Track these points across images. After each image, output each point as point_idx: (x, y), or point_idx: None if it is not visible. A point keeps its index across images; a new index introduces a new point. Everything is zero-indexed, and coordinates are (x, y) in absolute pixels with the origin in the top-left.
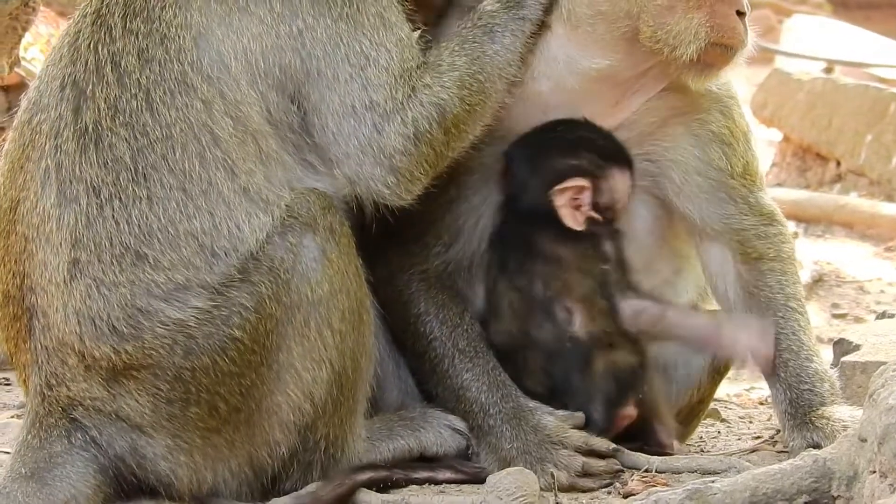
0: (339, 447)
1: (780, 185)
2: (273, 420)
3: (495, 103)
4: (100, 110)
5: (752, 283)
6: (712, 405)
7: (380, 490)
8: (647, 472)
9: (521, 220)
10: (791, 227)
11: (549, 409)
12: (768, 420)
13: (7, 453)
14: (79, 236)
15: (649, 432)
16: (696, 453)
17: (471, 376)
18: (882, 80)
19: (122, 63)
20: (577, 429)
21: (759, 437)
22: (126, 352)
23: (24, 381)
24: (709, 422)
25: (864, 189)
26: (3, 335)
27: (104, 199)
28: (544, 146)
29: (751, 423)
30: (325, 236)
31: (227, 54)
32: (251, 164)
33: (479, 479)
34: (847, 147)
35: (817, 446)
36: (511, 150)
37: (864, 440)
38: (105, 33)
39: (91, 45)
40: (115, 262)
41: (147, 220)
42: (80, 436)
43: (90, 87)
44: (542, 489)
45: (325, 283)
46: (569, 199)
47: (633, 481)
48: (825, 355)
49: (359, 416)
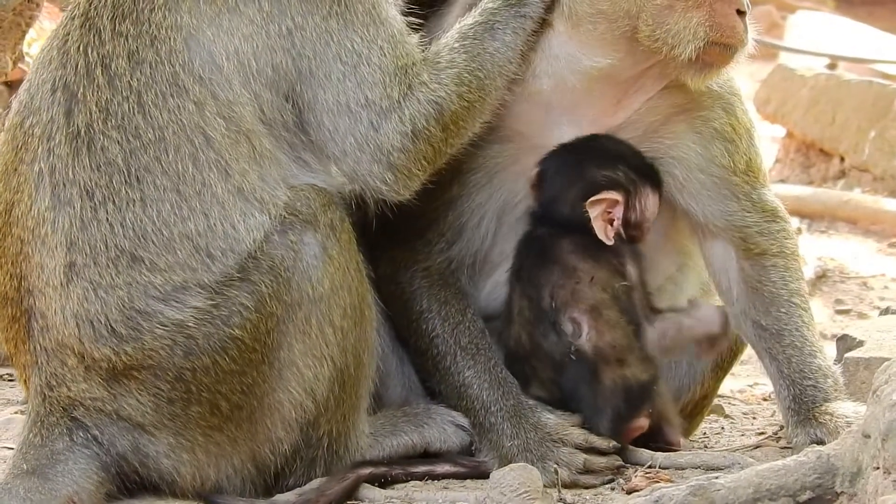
0: (342, 443)
1: (783, 181)
2: (275, 417)
3: (495, 100)
4: (91, 113)
5: (756, 279)
6: (716, 401)
7: (381, 485)
8: (650, 468)
9: (545, 230)
10: (794, 223)
11: (550, 407)
12: (772, 416)
13: (10, 449)
14: (74, 239)
15: (657, 433)
16: (700, 449)
17: (472, 374)
18: (886, 76)
19: (113, 66)
20: (577, 426)
21: (762, 434)
22: (126, 353)
23: (25, 382)
24: (712, 418)
25: (867, 185)
26: (3, 336)
27: (98, 202)
28: (583, 157)
29: (754, 419)
30: (325, 233)
31: (218, 55)
32: (245, 164)
33: (478, 473)
34: (851, 143)
35: (821, 442)
36: (545, 161)
37: (867, 436)
38: (94, 36)
39: (81, 48)
40: (111, 264)
41: (141, 222)
42: (81, 434)
43: (81, 90)
44: (545, 486)
45: (327, 280)
46: (602, 211)
47: (636, 477)
48: (829, 351)
49: (362, 412)
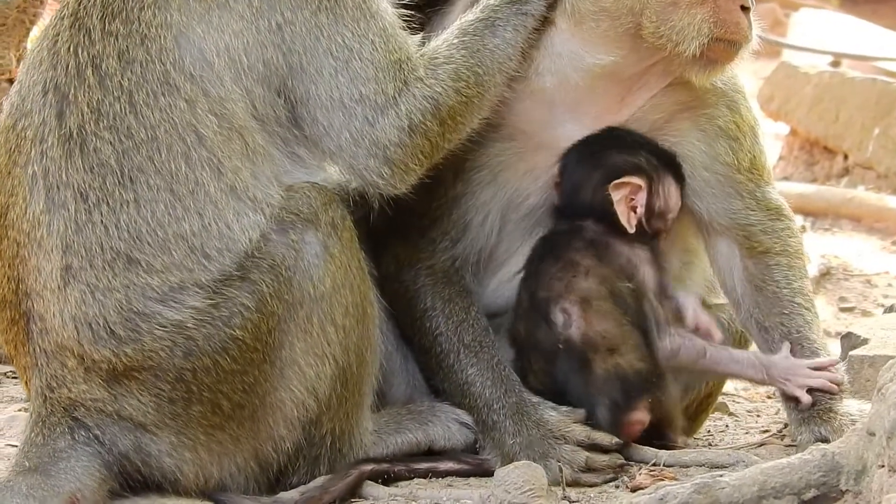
0: (345, 441)
1: (787, 178)
2: (277, 416)
3: (493, 97)
4: (83, 114)
5: (759, 277)
6: (720, 399)
7: (384, 482)
8: (654, 465)
9: (564, 228)
10: (798, 220)
11: (552, 404)
12: (776, 414)
13: (14, 446)
14: (69, 242)
15: (660, 434)
16: (705, 447)
17: (475, 371)
18: (889, 74)
19: (103, 66)
20: (579, 424)
21: (767, 431)
22: (126, 354)
23: (26, 383)
24: (717, 415)
25: (871, 182)
26: (3, 338)
27: (92, 204)
28: (604, 146)
29: (759, 416)
30: (327, 232)
31: (209, 52)
32: (237, 162)
33: (481, 471)
34: (854, 140)
35: (825, 440)
36: (565, 155)
37: (872, 434)
38: (84, 36)
39: (71, 49)
40: (107, 267)
41: (136, 224)
42: (83, 433)
43: (72, 91)
44: (549, 484)
45: (328, 278)
46: (626, 196)
47: (640, 475)
48: (833, 349)
49: (365, 410)
